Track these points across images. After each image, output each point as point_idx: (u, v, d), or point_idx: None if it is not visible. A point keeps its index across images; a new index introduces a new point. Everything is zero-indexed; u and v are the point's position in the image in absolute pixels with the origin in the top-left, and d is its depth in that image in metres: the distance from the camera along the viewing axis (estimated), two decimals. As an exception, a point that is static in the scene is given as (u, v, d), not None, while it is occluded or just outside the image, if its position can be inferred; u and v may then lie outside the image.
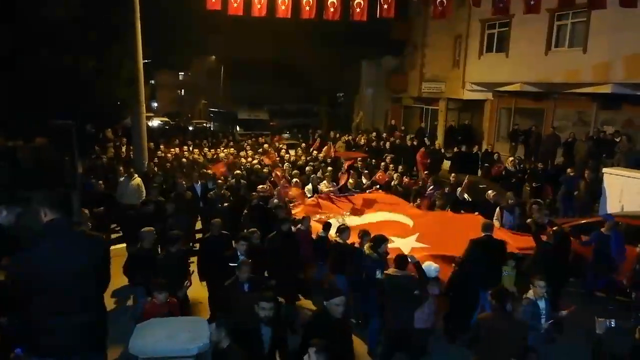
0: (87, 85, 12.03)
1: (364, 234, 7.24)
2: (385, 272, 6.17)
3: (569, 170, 12.31)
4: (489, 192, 10.22)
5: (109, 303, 4.19)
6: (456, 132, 20.13)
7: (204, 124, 33.49)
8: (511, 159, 13.92)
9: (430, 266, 6.38)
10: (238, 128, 27.02)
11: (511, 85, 17.92)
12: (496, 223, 8.71)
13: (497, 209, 9.36)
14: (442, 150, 18.03)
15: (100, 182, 11.18)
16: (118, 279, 6.56)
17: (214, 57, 41.58)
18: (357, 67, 31.55)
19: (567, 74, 15.82)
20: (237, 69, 39.19)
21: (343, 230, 7.53)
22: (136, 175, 11.14)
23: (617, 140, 14.08)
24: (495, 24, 18.87)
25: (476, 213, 8.99)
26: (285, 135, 26.16)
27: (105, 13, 12.92)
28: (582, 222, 9.27)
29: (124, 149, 17.17)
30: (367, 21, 14.00)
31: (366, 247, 6.93)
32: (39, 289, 3.44)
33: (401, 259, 6.11)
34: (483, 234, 7.02)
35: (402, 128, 23.73)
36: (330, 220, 8.62)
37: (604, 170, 11.22)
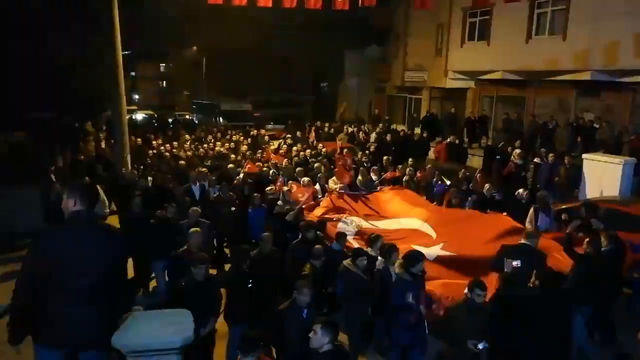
0: (64, 76, 11.71)
1: (389, 248, 6.10)
2: (343, 262, 5.76)
3: (550, 155, 12.44)
4: (520, 190, 9.32)
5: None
6: (474, 124, 19.02)
7: (186, 116, 33.06)
8: (518, 151, 12.66)
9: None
10: (221, 119, 26.74)
11: (493, 74, 18.07)
12: (528, 226, 7.64)
13: (531, 209, 8.23)
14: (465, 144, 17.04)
15: None
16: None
17: (195, 47, 41.01)
18: (340, 56, 31.44)
19: (547, 62, 15.99)
20: (219, 59, 38.65)
21: (374, 239, 6.61)
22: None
23: (597, 126, 14.31)
24: (477, 12, 18.96)
25: (504, 213, 8.15)
26: (269, 127, 25.96)
27: (83, 2, 12.60)
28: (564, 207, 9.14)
29: (103, 143, 16.73)
30: (350, 10, 13.97)
31: (397, 265, 5.70)
32: (53, 276, 3.42)
33: (340, 235, 5.99)
34: (520, 242, 6.03)
35: (387, 118, 23.75)
36: (344, 222, 8.02)
37: (584, 156, 11.37)
